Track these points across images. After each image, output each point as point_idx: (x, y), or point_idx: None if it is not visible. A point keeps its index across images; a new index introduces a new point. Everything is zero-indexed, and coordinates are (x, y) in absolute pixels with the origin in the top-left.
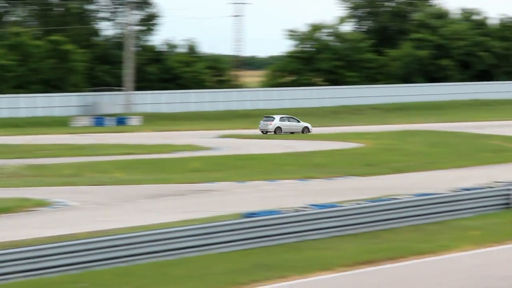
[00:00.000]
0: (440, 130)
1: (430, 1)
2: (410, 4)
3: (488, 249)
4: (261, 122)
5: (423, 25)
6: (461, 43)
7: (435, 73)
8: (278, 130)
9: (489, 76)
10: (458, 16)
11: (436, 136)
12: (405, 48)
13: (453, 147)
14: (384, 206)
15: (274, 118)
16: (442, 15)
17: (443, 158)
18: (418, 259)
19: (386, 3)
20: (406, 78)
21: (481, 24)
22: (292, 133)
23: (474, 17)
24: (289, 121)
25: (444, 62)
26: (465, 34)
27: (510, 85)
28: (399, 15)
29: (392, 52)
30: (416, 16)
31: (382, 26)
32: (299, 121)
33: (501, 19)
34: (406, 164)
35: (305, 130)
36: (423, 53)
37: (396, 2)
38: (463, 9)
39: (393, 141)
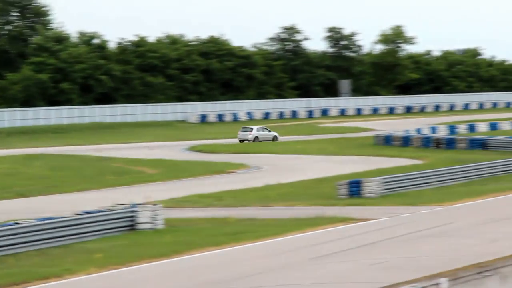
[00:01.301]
0: (63, 153)
1: (49, 25)
2: (30, 27)
3: (112, 271)
4: (240, 132)
5: (42, 49)
6: (81, 66)
7: (56, 96)
8: (256, 139)
9: (110, 99)
10: (77, 40)
11: (58, 160)
12: (25, 72)
13: (76, 170)
14: (6, 231)
15: (253, 128)
16: (61, 38)
17: (66, 181)
18: (42, 283)
19: (6, 27)
20: (27, 101)
21: (100, 48)
22: (260, 141)
23: (94, 41)
24: (263, 131)
25: (65, 85)
26: (84, 58)
27: (131, 108)
28: (18, 38)
29: (12, 76)
30: (36, 39)
31: (1, 49)
32: (270, 131)
33: (120, 43)
34: (28, 188)
35: (275, 138)
36: (43, 76)
37: (14, 26)
38: (82, 33)
39: (14, 165)
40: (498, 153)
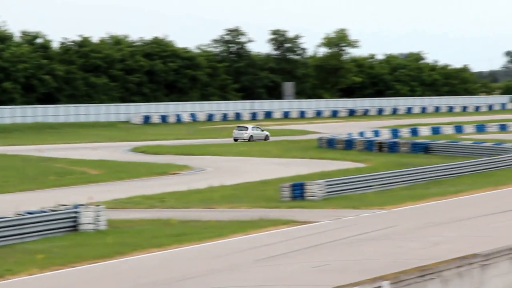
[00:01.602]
0: (5, 153)
1: None
2: None
3: (54, 272)
4: (235, 131)
5: None
6: (24, 66)
7: None
8: (251, 138)
9: (53, 99)
10: (20, 39)
11: (0, 160)
12: None
13: (19, 170)
14: None
15: (248, 128)
16: (4, 38)
17: (8, 181)
18: None
19: None
20: None
21: (43, 47)
22: (254, 140)
23: (37, 41)
24: (257, 130)
25: (7, 85)
26: (27, 57)
27: (74, 108)
28: None
29: None
30: None
31: None
32: (262, 130)
33: (63, 43)
34: None
35: (266, 138)
36: None
37: None
38: (24, 32)
39: None
40: (440, 157)
